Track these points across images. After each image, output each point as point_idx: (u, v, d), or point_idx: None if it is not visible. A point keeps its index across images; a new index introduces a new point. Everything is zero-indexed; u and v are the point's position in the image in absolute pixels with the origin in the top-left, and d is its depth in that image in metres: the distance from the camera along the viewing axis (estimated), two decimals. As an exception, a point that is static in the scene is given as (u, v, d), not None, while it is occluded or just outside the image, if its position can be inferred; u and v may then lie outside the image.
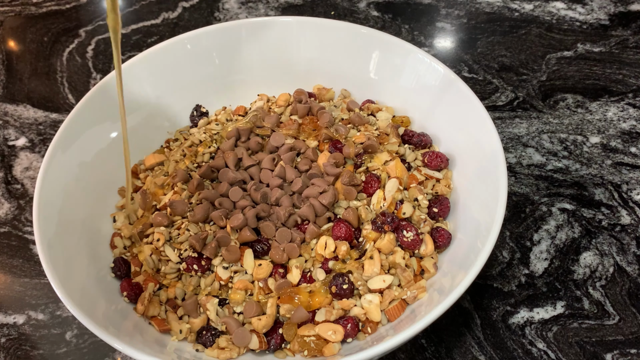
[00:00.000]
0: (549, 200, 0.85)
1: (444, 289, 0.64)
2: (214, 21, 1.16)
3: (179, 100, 0.88)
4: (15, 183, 0.93)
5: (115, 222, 0.77)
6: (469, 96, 0.75)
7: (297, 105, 0.82)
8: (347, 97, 0.89)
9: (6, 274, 0.83)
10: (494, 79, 1.01)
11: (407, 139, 0.80)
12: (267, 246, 0.70)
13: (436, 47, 1.09)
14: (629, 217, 0.82)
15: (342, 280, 0.66)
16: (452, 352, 0.72)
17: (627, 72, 1.00)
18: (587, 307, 0.74)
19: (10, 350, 0.75)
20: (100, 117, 0.80)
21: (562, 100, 0.97)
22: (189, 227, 0.71)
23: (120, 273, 0.72)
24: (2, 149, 0.98)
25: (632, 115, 0.94)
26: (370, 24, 1.12)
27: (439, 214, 0.73)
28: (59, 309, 0.79)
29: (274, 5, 1.18)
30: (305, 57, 0.89)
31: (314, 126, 0.80)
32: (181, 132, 0.87)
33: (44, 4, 1.24)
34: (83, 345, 0.75)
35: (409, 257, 0.69)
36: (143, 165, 0.83)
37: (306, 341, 0.64)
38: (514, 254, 0.80)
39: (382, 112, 0.83)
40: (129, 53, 1.12)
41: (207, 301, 0.67)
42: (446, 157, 0.77)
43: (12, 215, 0.89)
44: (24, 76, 1.10)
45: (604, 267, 0.78)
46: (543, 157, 0.90)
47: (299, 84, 0.89)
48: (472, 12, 1.13)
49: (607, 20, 1.09)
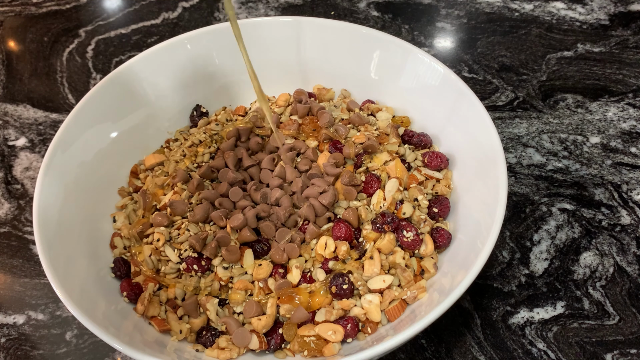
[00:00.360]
0: (549, 200, 0.85)
1: (444, 289, 0.64)
2: (214, 21, 1.16)
3: (179, 100, 0.88)
4: (15, 183, 0.93)
5: (115, 222, 0.77)
6: (469, 96, 0.75)
7: (297, 105, 0.82)
8: (347, 97, 0.89)
9: (6, 274, 0.83)
10: (494, 79, 1.01)
11: (407, 139, 0.80)
12: (267, 246, 0.70)
13: (436, 47, 1.09)
14: (629, 217, 0.82)
15: (342, 281, 0.66)
16: (452, 352, 0.72)
17: (627, 72, 1.00)
18: (587, 307, 0.74)
19: (10, 350, 0.75)
20: (100, 117, 0.80)
21: (562, 100, 0.97)
22: (189, 227, 0.71)
23: (120, 273, 0.72)
24: (2, 149, 0.98)
25: (632, 115, 0.94)
26: (370, 24, 1.12)
27: (439, 214, 0.73)
28: (59, 309, 0.79)
29: (274, 5, 1.18)
30: (305, 57, 0.89)
31: (313, 126, 0.80)
32: (181, 132, 0.87)
33: (44, 4, 1.24)
34: (83, 345, 0.75)
35: (409, 257, 0.69)
36: (143, 165, 0.83)
37: (306, 341, 0.64)
38: (514, 254, 0.80)
39: (382, 112, 0.83)
40: (129, 53, 1.12)
41: (207, 301, 0.67)
42: (446, 157, 0.77)
43: (12, 215, 0.89)
44: (24, 76, 1.10)
45: (604, 267, 0.78)
46: (543, 157, 0.90)
47: (299, 84, 0.89)
48: (472, 12, 1.13)
49: (607, 20, 1.09)
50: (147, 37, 1.15)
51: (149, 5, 1.21)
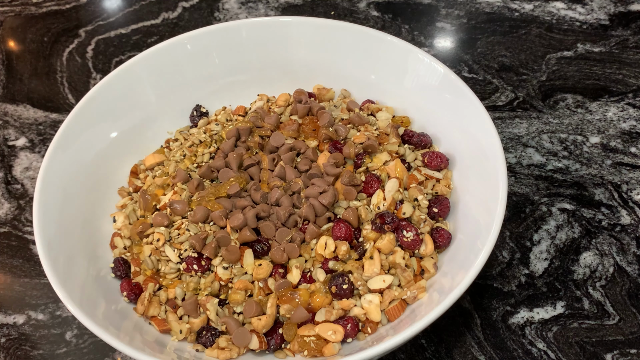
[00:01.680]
0: (549, 200, 0.85)
1: (444, 289, 0.64)
2: (214, 21, 1.16)
3: (179, 100, 0.88)
4: (15, 183, 0.93)
5: (115, 222, 0.77)
6: (469, 96, 0.75)
7: (297, 105, 0.82)
8: (347, 97, 0.89)
9: (6, 274, 0.83)
10: (494, 79, 1.01)
11: (407, 139, 0.80)
12: (267, 246, 0.70)
13: (436, 47, 1.09)
14: (629, 217, 0.82)
15: (342, 280, 0.66)
16: (452, 352, 0.72)
17: (627, 72, 1.00)
18: (587, 307, 0.74)
19: (10, 350, 0.75)
20: (100, 117, 0.80)
21: (562, 100, 0.97)
22: (189, 227, 0.71)
23: (120, 273, 0.72)
24: (2, 149, 0.98)
25: (632, 115, 0.94)
26: (370, 24, 1.12)
27: (439, 214, 0.73)
28: (59, 309, 0.79)
29: (274, 5, 1.18)
30: (305, 57, 0.89)
31: (313, 126, 0.80)
32: (181, 132, 0.87)
33: (44, 4, 1.23)
34: (83, 345, 0.75)
35: (409, 257, 0.69)
36: (143, 165, 0.83)
37: (306, 341, 0.64)
38: (514, 254, 0.80)
39: (382, 112, 0.83)
40: (129, 53, 1.12)
41: (207, 301, 0.67)
42: (446, 157, 0.77)
43: (12, 215, 0.89)
44: (24, 76, 1.10)
45: (604, 267, 0.78)
46: (543, 157, 0.90)
47: (299, 84, 0.89)
48: (472, 12, 1.13)
49: (607, 20, 1.09)
50: (147, 37, 1.15)
51: (149, 5, 1.21)
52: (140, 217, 0.77)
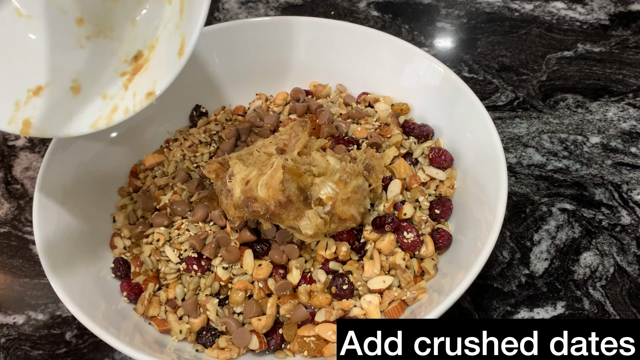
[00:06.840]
0: (549, 200, 0.85)
1: (444, 289, 0.64)
2: (214, 21, 1.16)
3: (179, 100, 0.88)
4: (15, 183, 0.93)
5: (115, 222, 0.77)
6: (469, 96, 0.75)
7: (295, 104, 0.82)
8: (343, 92, 0.88)
9: (6, 274, 0.83)
10: (494, 79, 1.01)
11: (408, 131, 0.79)
12: (267, 246, 0.70)
13: (436, 47, 1.08)
14: (629, 217, 0.82)
15: (342, 281, 0.66)
16: (452, 352, 0.72)
17: (627, 72, 1.00)
18: (587, 307, 0.74)
19: (10, 350, 0.75)
20: (100, 117, 0.80)
21: (562, 100, 0.97)
22: (188, 227, 0.71)
23: (120, 273, 0.72)
24: (2, 149, 0.98)
25: (632, 115, 0.94)
26: (370, 24, 1.12)
27: (441, 215, 0.72)
28: (59, 309, 0.79)
29: (274, 5, 1.18)
30: (304, 57, 0.89)
31: (313, 125, 0.80)
32: (181, 132, 0.87)
33: (44, 4, 1.23)
34: (83, 345, 0.75)
35: (409, 258, 0.69)
36: (143, 165, 0.83)
37: (306, 341, 0.64)
38: (514, 254, 0.80)
39: (380, 103, 0.83)
40: (129, 53, 1.12)
41: (207, 301, 0.67)
42: (451, 155, 0.76)
43: (12, 215, 0.89)
44: (24, 76, 1.10)
45: (604, 267, 0.78)
46: (543, 157, 0.90)
47: (296, 82, 0.89)
48: (472, 12, 1.13)
49: (607, 20, 1.09)
50: (147, 37, 1.15)
51: (149, 5, 1.21)
52: (140, 217, 0.77)
